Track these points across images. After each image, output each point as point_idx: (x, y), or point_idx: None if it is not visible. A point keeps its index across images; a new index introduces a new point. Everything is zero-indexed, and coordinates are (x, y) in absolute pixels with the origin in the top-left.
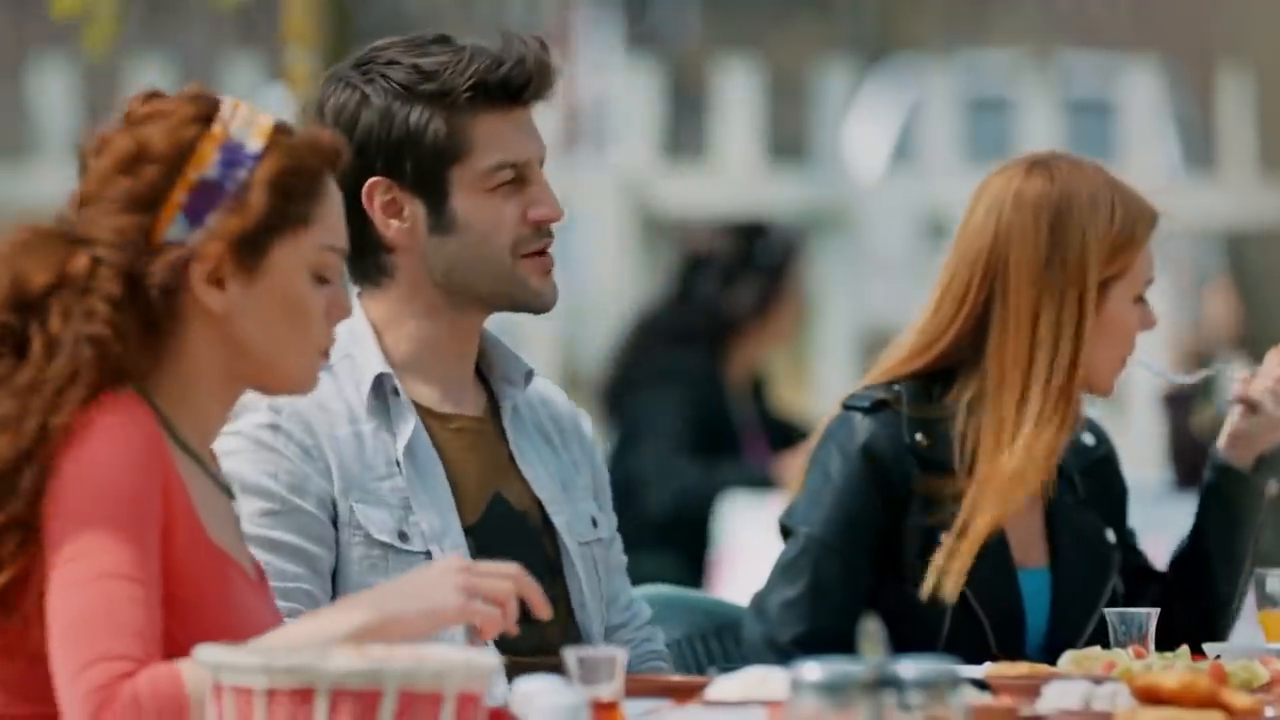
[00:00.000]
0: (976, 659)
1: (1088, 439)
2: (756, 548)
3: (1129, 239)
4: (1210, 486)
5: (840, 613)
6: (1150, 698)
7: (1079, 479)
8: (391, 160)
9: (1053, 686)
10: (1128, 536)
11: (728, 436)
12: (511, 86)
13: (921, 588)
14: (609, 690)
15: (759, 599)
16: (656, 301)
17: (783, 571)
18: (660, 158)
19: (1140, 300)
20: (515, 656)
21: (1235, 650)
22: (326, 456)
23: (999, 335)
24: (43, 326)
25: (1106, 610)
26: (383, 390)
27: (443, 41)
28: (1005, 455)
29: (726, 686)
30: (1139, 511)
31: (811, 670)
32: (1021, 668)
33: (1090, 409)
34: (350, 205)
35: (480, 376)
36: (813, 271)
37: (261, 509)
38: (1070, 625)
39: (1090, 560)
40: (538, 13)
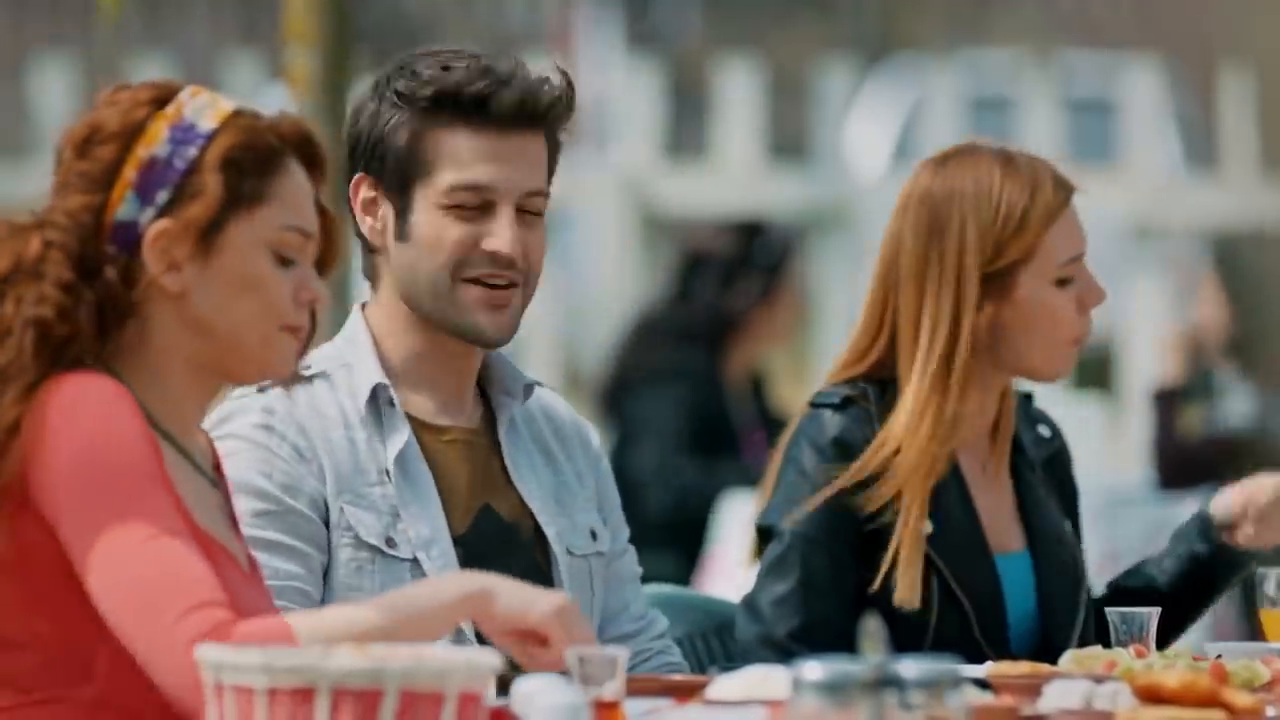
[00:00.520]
0: (962, 645)
1: (1044, 430)
2: None
3: (1020, 225)
4: (1203, 559)
5: (832, 603)
6: (1151, 697)
7: (1040, 468)
8: (372, 160)
9: (1054, 686)
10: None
11: (727, 436)
12: (486, 104)
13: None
14: (610, 690)
15: (749, 600)
16: (656, 301)
17: (771, 570)
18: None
19: (1066, 282)
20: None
21: (1236, 650)
22: (320, 458)
23: (900, 335)
24: None
25: (1108, 610)
26: (378, 401)
27: (467, 56)
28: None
29: (727, 686)
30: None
31: (812, 670)
32: (1023, 667)
33: (1091, 408)
34: (349, 203)
35: (482, 388)
36: (813, 270)
37: (256, 509)
38: (1060, 607)
39: (1064, 545)
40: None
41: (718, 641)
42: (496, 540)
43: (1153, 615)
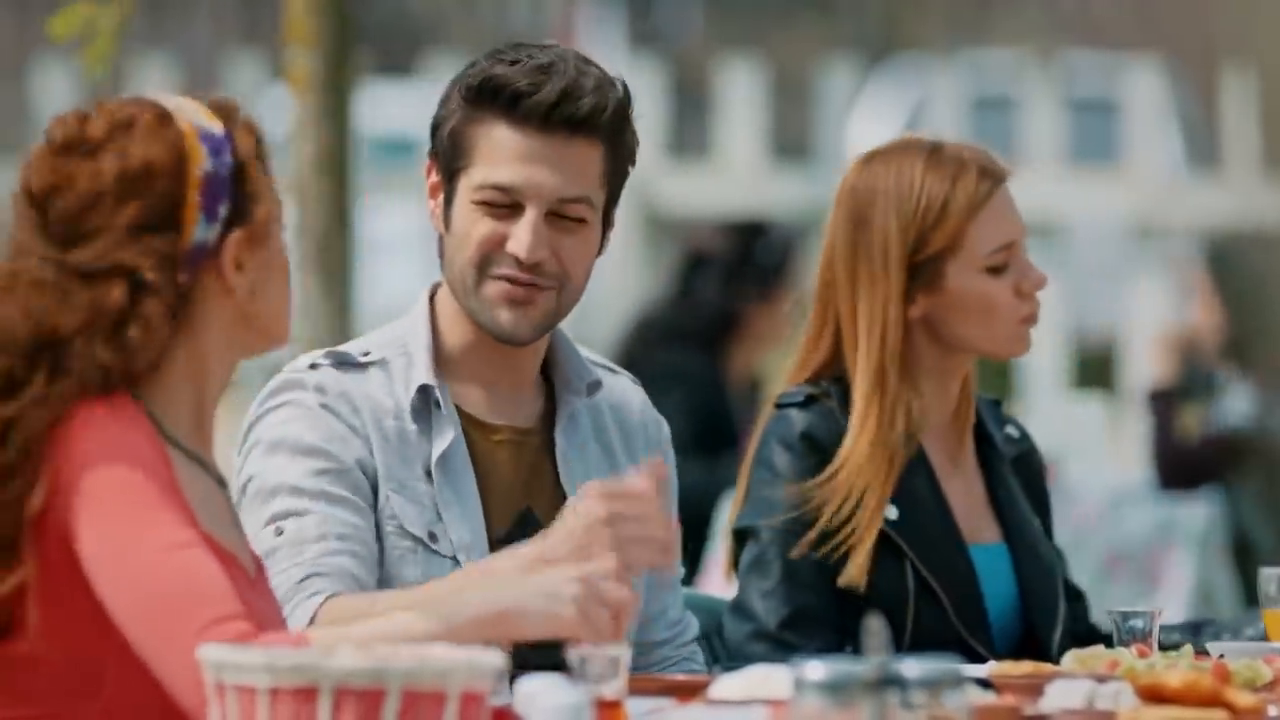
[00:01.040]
0: (944, 638)
1: (1012, 431)
2: None
3: (941, 216)
4: None
5: (816, 595)
6: (1154, 697)
7: (1010, 466)
8: (435, 145)
9: (1056, 685)
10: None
11: (729, 436)
12: (520, 101)
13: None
14: (612, 689)
15: (736, 602)
16: (657, 300)
17: (753, 569)
18: (664, 157)
19: (999, 269)
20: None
21: (1239, 649)
22: (370, 441)
23: (842, 332)
24: (56, 360)
25: (1109, 610)
26: (427, 400)
27: (539, 53)
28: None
29: (729, 685)
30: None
31: (814, 669)
32: (1025, 667)
33: (1092, 404)
34: None
35: (548, 379)
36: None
37: (319, 468)
38: (1042, 598)
39: (1038, 536)
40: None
41: (720, 641)
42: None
43: (1155, 615)
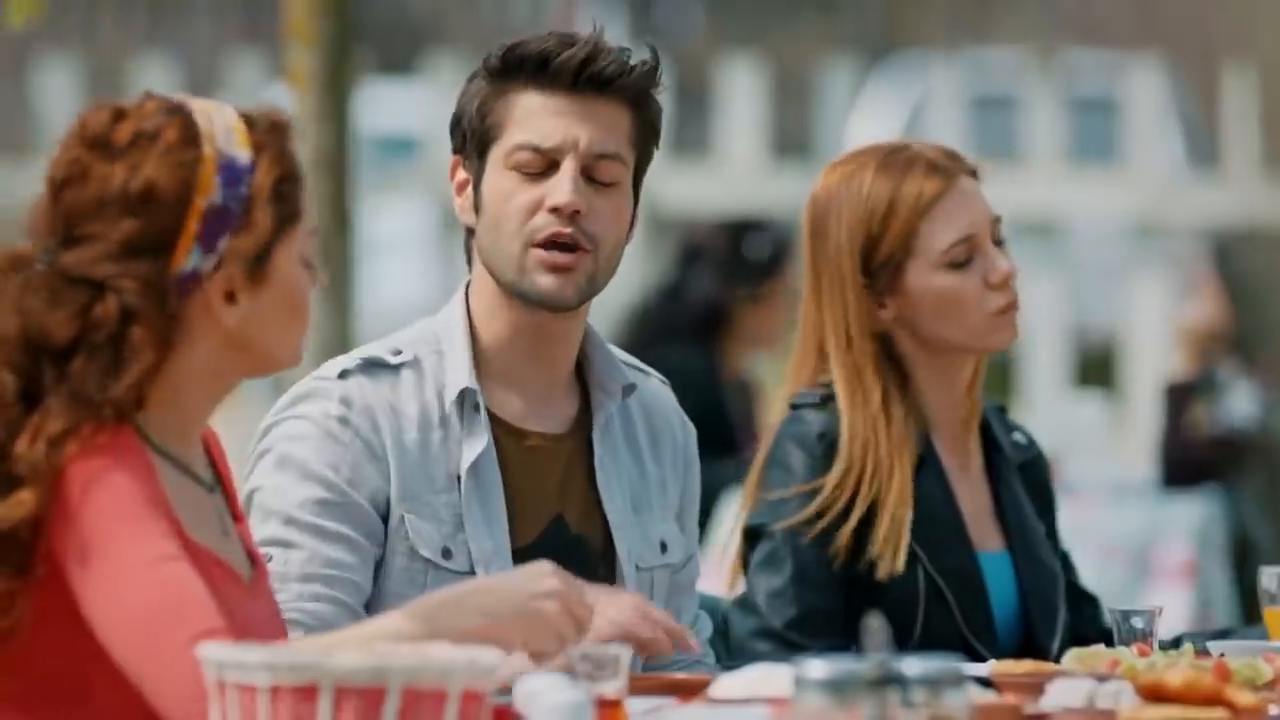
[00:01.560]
0: (948, 644)
1: (1019, 437)
2: None
3: (887, 218)
4: None
5: (825, 595)
6: (1154, 695)
7: (1017, 473)
8: (458, 137)
9: (1057, 684)
10: (1063, 554)
11: (725, 435)
12: (548, 63)
13: (879, 570)
14: (613, 688)
15: (743, 597)
16: (651, 297)
17: (763, 566)
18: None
19: (962, 264)
20: None
21: (1239, 648)
22: (389, 459)
23: (823, 340)
24: (61, 375)
25: (1110, 608)
26: (464, 404)
27: (564, 31)
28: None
29: (730, 684)
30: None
31: (815, 668)
32: (1026, 665)
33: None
34: None
35: (582, 382)
36: None
37: (318, 497)
38: (1043, 607)
39: (1042, 545)
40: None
41: (720, 640)
42: (562, 553)
43: (1155, 614)
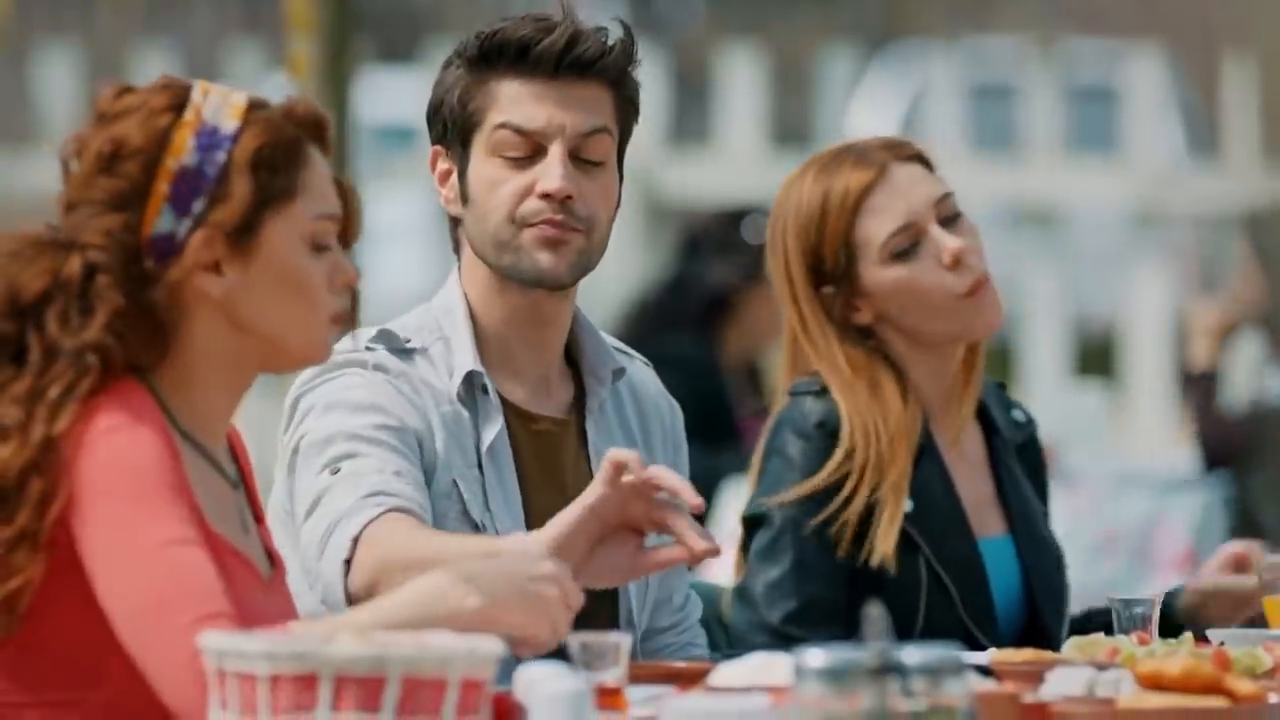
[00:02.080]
0: (949, 633)
1: (1018, 415)
2: None
3: (822, 220)
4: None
5: (825, 585)
6: (1154, 684)
7: (1015, 452)
8: (437, 127)
9: (1057, 673)
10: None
11: (726, 424)
12: (529, 50)
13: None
14: (613, 676)
15: (742, 587)
16: (652, 285)
17: (763, 556)
18: (664, 145)
19: (907, 252)
20: None
21: (1239, 636)
22: (432, 423)
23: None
24: (41, 333)
25: (1110, 597)
26: (473, 386)
27: (531, 14)
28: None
29: (730, 672)
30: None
31: (815, 656)
32: (1025, 654)
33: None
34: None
35: (574, 366)
36: None
37: (378, 421)
38: (1047, 590)
39: (1044, 526)
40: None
41: (719, 627)
42: None
43: (1155, 602)
